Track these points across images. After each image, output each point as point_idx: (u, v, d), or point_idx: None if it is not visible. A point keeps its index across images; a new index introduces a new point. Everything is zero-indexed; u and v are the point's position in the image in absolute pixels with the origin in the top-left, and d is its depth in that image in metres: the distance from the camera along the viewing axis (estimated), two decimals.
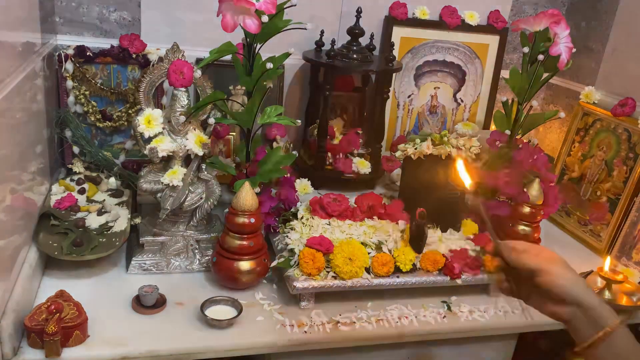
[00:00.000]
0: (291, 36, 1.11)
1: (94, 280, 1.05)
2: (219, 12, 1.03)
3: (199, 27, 1.39)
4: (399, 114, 1.66)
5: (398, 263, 1.07)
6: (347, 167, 1.46)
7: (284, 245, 1.10)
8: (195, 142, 1.08)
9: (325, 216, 1.16)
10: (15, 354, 0.83)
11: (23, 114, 0.97)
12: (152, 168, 1.11)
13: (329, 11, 1.50)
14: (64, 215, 1.10)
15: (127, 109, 1.33)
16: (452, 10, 1.59)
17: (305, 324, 1.00)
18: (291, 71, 1.53)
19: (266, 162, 1.16)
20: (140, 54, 1.32)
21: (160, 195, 1.09)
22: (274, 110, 1.13)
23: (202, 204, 1.12)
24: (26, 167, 1.00)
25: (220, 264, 1.05)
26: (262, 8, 1.02)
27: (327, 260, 1.05)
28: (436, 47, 1.61)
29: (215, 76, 1.40)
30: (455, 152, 1.19)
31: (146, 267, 1.09)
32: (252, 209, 1.04)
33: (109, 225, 1.10)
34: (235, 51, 1.11)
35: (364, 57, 1.41)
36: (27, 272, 0.93)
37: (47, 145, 1.18)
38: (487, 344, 1.13)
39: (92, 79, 1.29)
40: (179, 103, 1.08)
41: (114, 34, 1.35)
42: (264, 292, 1.07)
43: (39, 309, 0.87)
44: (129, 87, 1.32)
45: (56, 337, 0.83)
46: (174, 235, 1.11)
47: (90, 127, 1.33)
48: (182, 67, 1.06)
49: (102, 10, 1.34)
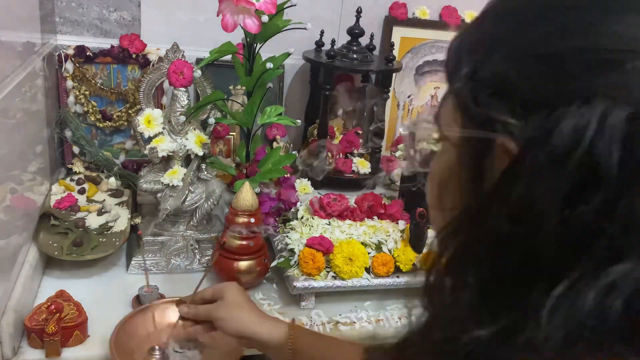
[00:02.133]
0: (291, 36, 1.11)
1: (94, 280, 1.05)
2: (219, 12, 1.03)
3: (199, 27, 1.39)
4: (399, 114, 1.66)
5: (398, 263, 1.07)
6: (347, 167, 1.46)
7: (284, 245, 1.10)
8: (195, 142, 1.08)
9: (325, 216, 1.16)
10: (15, 354, 0.83)
11: (23, 114, 0.97)
12: (152, 168, 1.11)
13: (329, 11, 1.50)
14: (64, 215, 1.10)
15: (127, 109, 1.33)
16: (452, 10, 1.59)
17: (305, 324, 1.00)
18: (291, 71, 1.53)
19: (266, 162, 1.16)
20: (140, 54, 1.32)
21: (160, 195, 1.09)
22: (274, 110, 1.13)
23: (202, 204, 1.12)
24: (26, 167, 1.00)
25: (220, 264, 1.05)
26: (262, 8, 1.02)
27: (327, 260, 1.05)
28: (436, 47, 1.61)
29: (215, 76, 1.39)
30: None
31: (146, 267, 1.09)
32: (252, 209, 1.04)
33: (109, 225, 1.10)
34: (235, 51, 1.11)
35: (364, 57, 1.41)
36: (27, 272, 0.93)
37: (47, 145, 1.18)
38: None
39: (92, 79, 1.29)
40: (179, 103, 1.08)
41: (114, 34, 1.35)
42: (264, 292, 1.07)
43: (39, 309, 0.87)
44: (129, 87, 1.32)
45: (56, 337, 0.83)
46: (174, 235, 1.11)
47: (90, 127, 1.33)
48: (182, 67, 1.06)
49: (102, 10, 1.34)
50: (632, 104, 0.34)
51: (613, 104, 0.34)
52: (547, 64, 0.37)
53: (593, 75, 0.35)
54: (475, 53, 0.42)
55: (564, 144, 0.35)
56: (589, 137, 0.34)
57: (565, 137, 0.35)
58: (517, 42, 0.40)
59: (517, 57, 0.39)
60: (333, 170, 1.47)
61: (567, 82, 0.36)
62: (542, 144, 0.36)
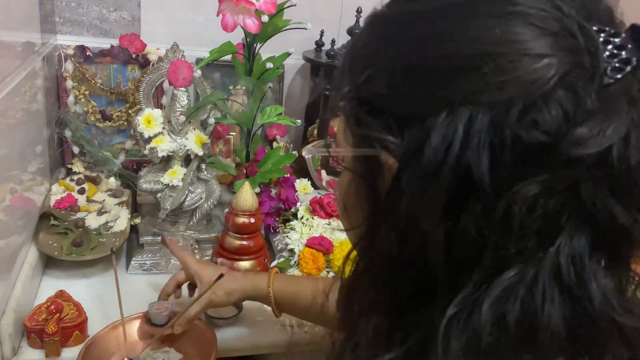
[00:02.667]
0: (291, 36, 1.11)
1: (94, 280, 1.05)
2: (219, 12, 1.03)
3: (199, 27, 1.39)
4: None
5: None
6: None
7: (284, 245, 1.10)
8: (195, 142, 1.08)
9: (325, 216, 1.16)
10: (15, 354, 0.83)
11: (23, 113, 0.97)
12: (152, 168, 1.11)
13: (329, 11, 1.50)
14: (63, 215, 1.10)
15: (127, 109, 1.33)
16: None
17: (305, 324, 1.00)
18: (291, 71, 1.53)
19: (266, 162, 1.16)
20: (140, 54, 1.32)
21: (160, 195, 1.09)
22: (274, 110, 1.13)
23: (202, 204, 1.12)
24: (26, 167, 1.00)
25: None
26: (262, 8, 1.02)
27: (327, 260, 1.05)
28: None
29: (215, 76, 1.40)
30: None
31: (146, 267, 1.09)
32: (252, 209, 1.04)
33: (109, 225, 1.10)
34: (235, 51, 1.11)
35: None
36: (27, 272, 0.93)
37: (47, 145, 1.18)
38: None
39: (92, 79, 1.29)
40: (179, 103, 1.08)
41: (113, 34, 1.35)
42: None
43: (38, 309, 0.87)
44: (128, 87, 1.32)
45: (56, 337, 0.83)
46: (174, 235, 1.11)
47: (90, 127, 1.33)
48: (182, 67, 1.06)
49: (102, 10, 1.34)
50: (494, 106, 0.34)
51: (476, 109, 0.34)
52: (412, 76, 0.37)
53: (454, 82, 0.35)
54: (353, 71, 0.41)
55: (435, 155, 0.34)
56: (457, 145, 0.34)
57: (436, 148, 0.34)
58: (385, 56, 0.39)
59: (387, 72, 0.38)
60: (333, 170, 1.47)
61: (432, 92, 0.36)
62: (416, 157, 0.35)
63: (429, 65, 0.36)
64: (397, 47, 0.39)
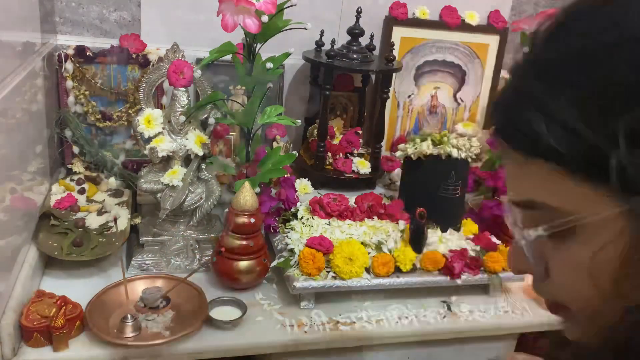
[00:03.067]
0: (291, 36, 1.11)
1: (93, 280, 1.05)
2: (219, 12, 1.03)
3: (199, 27, 1.39)
4: (399, 114, 1.66)
5: (398, 263, 1.07)
6: (347, 167, 1.46)
7: (284, 245, 1.10)
8: (195, 142, 1.08)
9: (325, 216, 1.16)
10: (15, 354, 0.83)
11: (23, 114, 0.97)
12: (152, 168, 1.11)
13: (329, 11, 1.50)
14: (63, 215, 1.10)
15: (127, 109, 1.33)
16: (452, 10, 1.59)
17: (305, 324, 1.00)
18: (291, 71, 1.53)
19: (266, 162, 1.16)
20: (140, 54, 1.32)
21: (160, 195, 1.09)
22: (274, 110, 1.13)
23: (202, 204, 1.12)
24: (26, 167, 1.00)
25: (220, 264, 1.05)
26: (262, 8, 1.02)
27: (327, 260, 1.05)
28: (436, 47, 1.61)
29: (215, 76, 1.40)
30: (455, 152, 1.19)
31: (146, 267, 1.09)
32: (252, 209, 1.04)
33: (109, 225, 1.10)
34: (235, 51, 1.11)
35: (364, 57, 1.41)
36: (27, 272, 0.93)
37: (47, 145, 1.18)
38: (487, 344, 1.12)
39: (92, 79, 1.29)
40: (179, 103, 1.08)
41: (114, 34, 1.35)
42: (264, 292, 1.07)
43: (27, 309, 0.88)
44: (129, 87, 1.32)
45: (65, 329, 0.85)
46: (174, 235, 1.11)
47: (90, 127, 1.33)
48: (182, 67, 1.06)
49: (102, 10, 1.34)
50: None
51: None
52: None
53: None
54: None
55: None
56: None
57: None
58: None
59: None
60: (333, 170, 1.47)
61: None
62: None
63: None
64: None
